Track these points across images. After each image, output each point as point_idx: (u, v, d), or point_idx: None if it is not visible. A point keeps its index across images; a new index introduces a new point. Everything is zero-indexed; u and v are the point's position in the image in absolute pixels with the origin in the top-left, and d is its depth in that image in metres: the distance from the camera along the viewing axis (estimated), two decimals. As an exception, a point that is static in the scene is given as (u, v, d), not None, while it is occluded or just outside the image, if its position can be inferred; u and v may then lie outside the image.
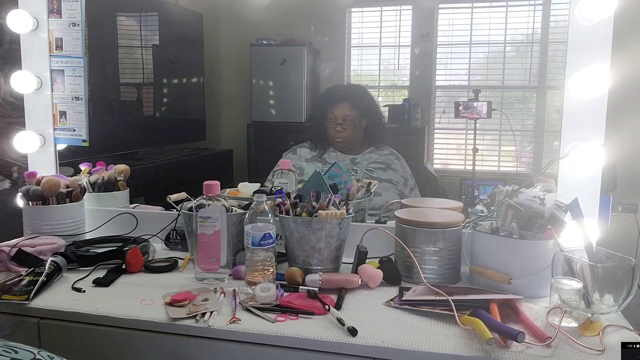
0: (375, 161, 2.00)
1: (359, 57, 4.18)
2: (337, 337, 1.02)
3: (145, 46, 3.46)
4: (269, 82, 3.85)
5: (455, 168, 3.94)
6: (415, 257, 1.27)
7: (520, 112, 3.95)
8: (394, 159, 2.05)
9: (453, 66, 4.01)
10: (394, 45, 4.07)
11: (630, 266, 1.05)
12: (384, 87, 4.17)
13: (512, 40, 3.85)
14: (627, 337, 1.03)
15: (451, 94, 4.00)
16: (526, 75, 3.85)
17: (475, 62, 3.95)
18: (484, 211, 1.49)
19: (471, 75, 3.97)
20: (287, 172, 1.65)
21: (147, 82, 3.45)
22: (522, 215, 1.27)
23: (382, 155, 2.03)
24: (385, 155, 2.03)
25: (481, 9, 3.83)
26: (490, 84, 3.93)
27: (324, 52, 3.99)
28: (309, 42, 3.84)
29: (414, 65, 3.96)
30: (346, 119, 2.01)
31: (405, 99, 3.77)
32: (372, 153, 2.04)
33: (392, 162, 2.01)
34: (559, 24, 3.70)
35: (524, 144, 3.90)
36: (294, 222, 1.31)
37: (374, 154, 2.03)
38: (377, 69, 4.16)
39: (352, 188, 1.56)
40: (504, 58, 3.88)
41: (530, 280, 1.18)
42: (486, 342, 0.95)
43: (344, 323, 1.05)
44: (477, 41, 3.88)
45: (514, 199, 1.30)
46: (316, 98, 3.16)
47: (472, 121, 3.33)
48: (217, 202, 1.33)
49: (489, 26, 3.84)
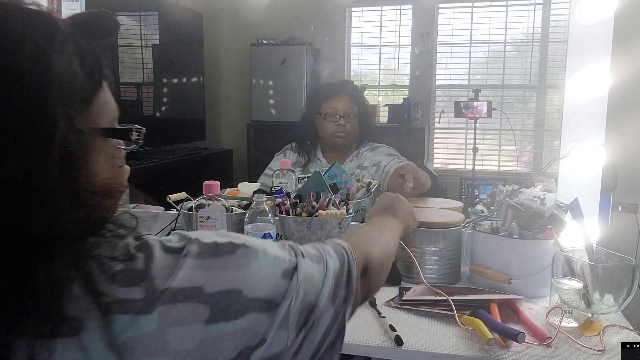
0: (361, 166, 1.88)
1: (359, 57, 4.17)
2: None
3: (145, 46, 3.46)
4: (269, 81, 3.85)
5: (455, 167, 3.94)
6: (415, 257, 1.27)
7: (521, 111, 3.94)
8: (382, 151, 1.90)
9: (453, 66, 4.01)
10: (394, 44, 4.07)
11: (630, 266, 1.05)
12: (384, 86, 4.17)
13: (512, 39, 3.85)
14: (627, 337, 1.03)
15: (451, 93, 4.00)
16: (526, 74, 3.85)
17: (475, 62, 3.95)
18: (484, 211, 1.49)
19: (471, 75, 3.97)
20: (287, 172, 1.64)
21: (147, 81, 3.45)
22: (522, 215, 1.27)
23: (367, 158, 1.90)
24: (372, 156, 1.90)
25: (481, 8, 3.83)
26: (490, 83, 3.93)
27: (324, 51, 3.99)
28: (309, 42, 3.84)
29: (414, 64, 3.96)
30: (348, 112, 1.90)
31: (405, 99, 3.76)
32: (359, 156, 1.92)
33: (382, 159, 1.86)
34: (559, 24, 3.70)
35: (524, 143, 3.90)
36: (294, 222, 1.31)
37: (361, 157, 1.91)
38: (377, 69, 4.16)
39: (352, 188, 1.56)
40: (504, 57, 3.87)
41: (530, 280, 1.18)
42: (486, 343, 0.95)
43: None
44: (477, 41, 3.88)
45: (514, 199, 1.30)
46: (308, 96, 2.97)
47: (472, 121, 3.33)
48: (217, 202, 1.33)
49: (489, 26, 3.84)
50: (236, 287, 0.49)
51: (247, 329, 0.49)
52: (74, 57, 0.49)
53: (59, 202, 0.44)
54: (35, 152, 0.44)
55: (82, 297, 0.44)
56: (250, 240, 0.54)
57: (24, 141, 0.44)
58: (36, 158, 0.44)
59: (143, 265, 0.47)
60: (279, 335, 0.50)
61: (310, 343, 0.53)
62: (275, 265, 0.53)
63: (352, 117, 1.91)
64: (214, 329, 0.47)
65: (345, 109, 1.90)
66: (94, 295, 0.44)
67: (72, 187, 0.46)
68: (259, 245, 0.53)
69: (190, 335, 0.46)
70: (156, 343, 0.45)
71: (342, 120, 1.89)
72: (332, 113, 1.90)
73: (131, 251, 0.48)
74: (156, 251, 0.49)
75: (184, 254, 0.49)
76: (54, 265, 0.44)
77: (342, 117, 1.89)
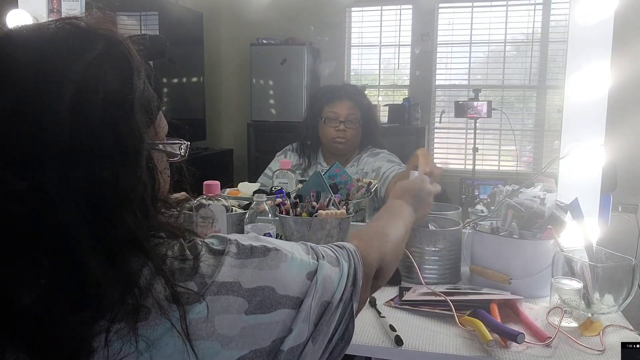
0: (361, 171, 1.84)
1: (359, 57, 4.17)
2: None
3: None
4: (269, 81, 3.84)
5: (456, 167, 3.93)
6: (416, 257, 1.27)
7: (521, 111, 3.94)
8: (383, 158, 1.87)
9: (453, 66, 4.01)
10: (394, 44, 4.06)
11: (630, 266, 1.05)
12: (384, 86, 4.17)
13: (512, 39, 3.84)
14: (627, 337, 1.03)
15: (451, 93, 3.99)
16: (526, 74, 3.84)
17: (476, 62, 3.94)
18: (484, 211, 1.49)
19: (471, 75, 3.97)
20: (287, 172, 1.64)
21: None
22: (522, 215, 1.27)
23: (367, 164, 1.87)
24: (373, 162, 1.86)
25: (481, 8, 3.82)
26: (490, 83, 3.93)
27: (324, 51, 3.99)
28: (309, 42, 3.84)
29: (414, 64, 3.95)
30: (349, 118, 1.85)
31: (405, 99, 3.76)
32: (360, 161, 1.89)
33: (382, 165, 1.84)
34: (559, 24, 3.69)
35: (524, 143, 3.90)
36: (294, 222, 1.31)
37: (361, 163, 1.88)
38: (377, 69, 4.16)
39: (352, 188, 1.56)
40: (504, 57, 3.87)
41: (530, 280, 1.18)
42: (486, 344, 0.95)
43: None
44: (477, 41, 3.87)
45: (514, 199, 1.30)
46: (310, 98, 2.90)
47: (472, 121, 3.32)
48: (217, 202, 1.33)
49: (489, 26, 3.83)
50: (269, 284, 0.56)
51: (279, 322, 0.56)
52: (146, 78, 0.57)
53: (146, 206, 0.53)
54: (126, 163, 0.52)
55: (151, 289, 0.51)
56: (281, 245, 0.61)
57: (116, 153, 0.51)
58: (128, 167, 0.52)
59: (194, 264, 0.55)
60: (302, 328, 0.57)
61: (325, 335, 0.60)
62: (302, 267, 0.60)
63: (354, 122, 1.86)
64: (252, 319, 0.54)
65: (346, 114, 1.85)
66: (169, 287, 0.51)
67: (153, 194, 0.56)
68: (287, 250, 0.61)
69: (233, 323, 0.53)
70: (206, 328, 0.52)
71: (342, 126, 1.84)
72: (333, 118, 1.85)
73: (185, 252, 0.56)
74: (203, 251, 0.56)
75: (225, 253, 0.57)
76: (133, 260, 0.51)
77: (342, 123, 1.84)
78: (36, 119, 0.48)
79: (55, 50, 0.52)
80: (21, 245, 0.48)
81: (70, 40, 0.53)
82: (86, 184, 0.49)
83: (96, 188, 0.49)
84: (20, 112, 0.48)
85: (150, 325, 0.50)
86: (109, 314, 0.49)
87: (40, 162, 0.48)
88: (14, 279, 0.48)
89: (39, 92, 0.49)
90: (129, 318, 0.49)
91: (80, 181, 0.48)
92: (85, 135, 0.49)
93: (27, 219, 0.47)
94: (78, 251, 0.48)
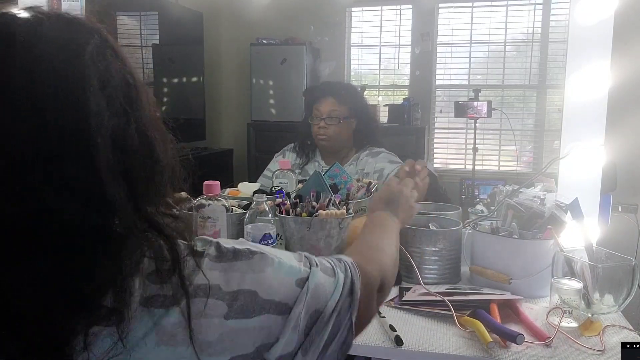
0: (362, 172, 1.83)
1: (359, 57, 4.17)
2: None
3: (145, 45, 3.46)
4: (269, 81, 3.84)
5: (456, 167, 3.94)
6: (416, 257, 1.27)
7: (521, 111, 3.94)
8: (384, 158, 1.86)
9: (453, 65, 4.01)
10: (394, 44, 4.06)
11: (630, 266, 1.05)
12: (384, 86, 4.17)
13: (512, 39, 3.84)
14: (627, 337, 1.03)
15: (451, 93, 3.99)
16: (526, 74, 3.84)
17: (476, 62, 3.94)
18: (484, 211, 1.49)
19: (471, 75, 3.97)
20: (287, 172, 1.64)
21: (147, 81, 3.45)
22: (522, 215, 1.27)
23: (368, 164, 1.85)
24: (374, 163, 1.85)
25: (481, 8, 3.82)
26: (490, 83, 3.93)
27: (324, 51, 3.99)
28: (309, 42, 3.84)
29: (414, 64, 3.95)
30: (330, 114, 1.83)
31: (405, 98, 3.76)
32: (359, 161, 1.88)
33: (384, 166, 1.83)
34: (559, 24, 3.69)
35: (524, 143, 3.90)
36: (294, 222, 1.31)
37: (361, 162, 1.87)
38: (377, 69, 4.16)
39: (352, 188, 1.56)
40: (504, 57, 3.87)
41: (530, 281, 1.18)
42: (486, 345, 0.95)
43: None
44: (477, 41, 3.87)
45: (514, 199, 1.30)
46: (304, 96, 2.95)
47: (472, 120, 3.33)
48: (217, 202, 1.33)
49: (489, 26, 3.83)
50: (251, 288, 0.55)
51: (262, 328, 0.54)
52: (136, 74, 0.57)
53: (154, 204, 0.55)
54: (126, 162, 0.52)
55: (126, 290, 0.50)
56: (268, 250, 0.60)
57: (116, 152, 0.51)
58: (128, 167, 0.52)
59: (172, 266, 0.53)
60: (291, 337, 0.56)
61: (317, 346, 0.58)
62: (290, 273, 0.58)
63: (334, 119, 1.84)
64: (232, 324, 0.53)
65: (328, 111, 1.84)
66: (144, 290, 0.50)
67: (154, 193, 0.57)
68: (275, 255, 0.59)
69: (211, 327, 0.52)
70: (184, 332, 0.50)
71: (322, 123, 1.83)
72: (316, 115, 1.86)
73: (164, 253, 0.53)
74: (184, 253, 0.54)
75: (204, 255, 0.55)
76: (122, 257, 0.50)
77: (323, 120, 1.83)
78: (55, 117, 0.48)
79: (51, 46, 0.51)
80: (19, 246, 0.47)
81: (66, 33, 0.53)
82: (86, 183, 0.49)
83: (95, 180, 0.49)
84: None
85: (127, 329, 0.49)
86: (93, 316, 0.48)
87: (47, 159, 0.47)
88: (13, 280, 0.47)
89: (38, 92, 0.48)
90: (107, 321, 0.48)
91: (81, 180, 0.49)
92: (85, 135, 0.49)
93: (27, 219, 0.47)
94: (78, 251, 0.48)
